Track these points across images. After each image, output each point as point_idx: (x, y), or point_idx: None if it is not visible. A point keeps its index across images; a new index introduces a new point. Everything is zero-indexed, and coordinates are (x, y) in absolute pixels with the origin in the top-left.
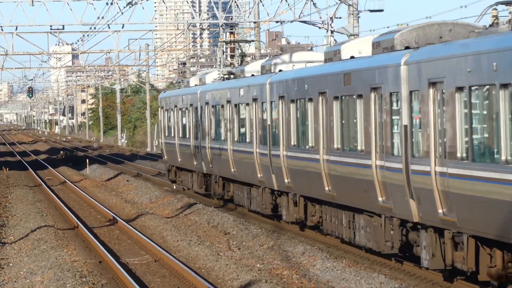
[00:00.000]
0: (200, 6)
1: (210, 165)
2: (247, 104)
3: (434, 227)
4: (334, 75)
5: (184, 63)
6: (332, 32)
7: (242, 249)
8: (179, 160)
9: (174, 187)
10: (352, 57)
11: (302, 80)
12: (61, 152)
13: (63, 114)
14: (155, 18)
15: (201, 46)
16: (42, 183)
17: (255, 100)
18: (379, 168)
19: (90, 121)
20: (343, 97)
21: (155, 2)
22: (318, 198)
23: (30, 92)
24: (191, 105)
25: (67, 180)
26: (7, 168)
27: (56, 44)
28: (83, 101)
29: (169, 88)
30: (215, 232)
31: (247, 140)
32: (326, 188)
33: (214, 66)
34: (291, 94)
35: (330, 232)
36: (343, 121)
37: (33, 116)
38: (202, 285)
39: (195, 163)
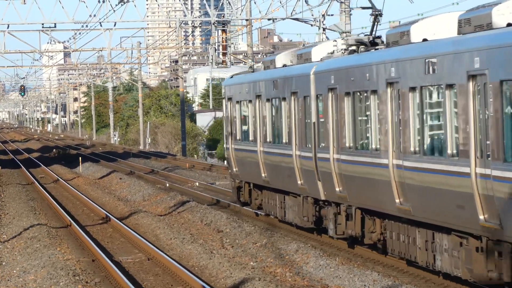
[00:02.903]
0: (192, 4)
1: (338, 189)
2: (449, 87)
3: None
4: None
5: (176, 61)
6: (324, 29)
7: (235, 247)
8: (263, 175)
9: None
10: None
11: None
12: (54, 150)
13: (56, 112)
14: (147, 16)
15: (193, 43)
16: (35, 181)
17: (473, 77)
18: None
19: (83, 119)
20: None
21: (147, 0)
22: None
23: (22, 90)
24: (292, 93)
25: (60, 178)
26: (0, 166)
27: (48, 42)
28: (76, 99)
29: (162, 85)
30: (208, 230)
31: (450, 153)
32: None
33: (207, 63)
34: None
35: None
36: None
37: (26, 114)
38: (195, 283)
39: (299, 182)
